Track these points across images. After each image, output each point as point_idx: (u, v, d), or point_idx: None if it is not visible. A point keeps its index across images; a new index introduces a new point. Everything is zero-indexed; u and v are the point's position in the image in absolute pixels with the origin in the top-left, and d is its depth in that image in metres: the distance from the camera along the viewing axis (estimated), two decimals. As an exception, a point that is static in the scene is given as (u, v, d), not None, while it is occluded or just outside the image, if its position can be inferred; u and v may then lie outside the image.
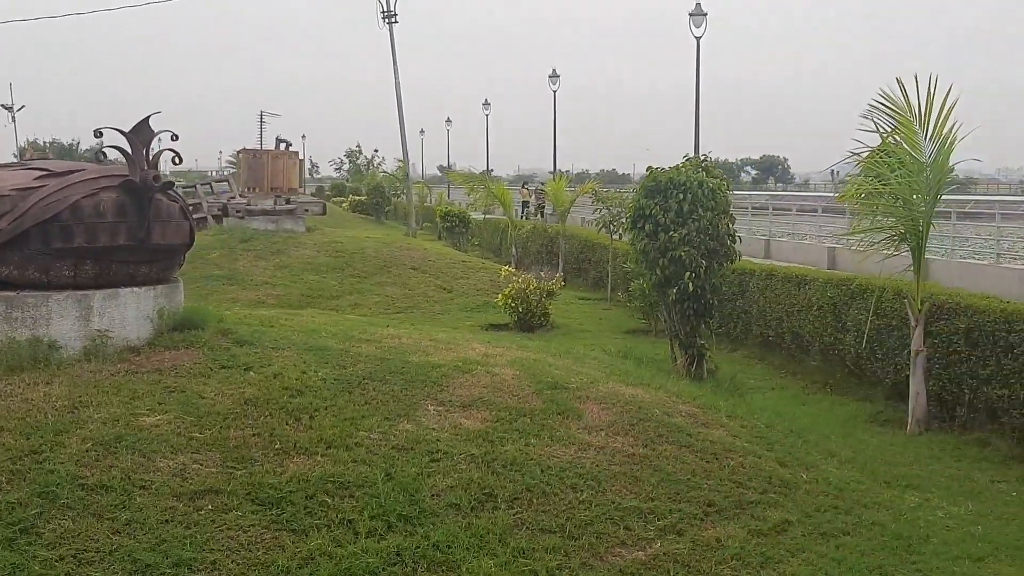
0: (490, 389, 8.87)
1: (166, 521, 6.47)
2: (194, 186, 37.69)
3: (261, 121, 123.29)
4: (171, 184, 9.10)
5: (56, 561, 6.00)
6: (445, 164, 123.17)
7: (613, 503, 7.43)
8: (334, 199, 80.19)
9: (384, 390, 8.52)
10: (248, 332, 9.35)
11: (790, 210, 41.51)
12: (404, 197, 65.23)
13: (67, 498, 6.52)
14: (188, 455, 7.16)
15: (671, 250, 12.81)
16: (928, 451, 11.60)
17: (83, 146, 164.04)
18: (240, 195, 48.69)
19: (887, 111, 12.60)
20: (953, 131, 12.53)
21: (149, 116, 8.92)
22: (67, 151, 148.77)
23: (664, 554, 7.01)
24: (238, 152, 63.61)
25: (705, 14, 43.35)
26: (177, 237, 9.25)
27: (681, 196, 12.84)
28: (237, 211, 30.13)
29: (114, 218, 8.64)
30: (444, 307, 25.67)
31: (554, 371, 9.71)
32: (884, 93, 12.49)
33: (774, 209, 42.14)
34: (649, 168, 13.78)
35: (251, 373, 8.43)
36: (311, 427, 7.74)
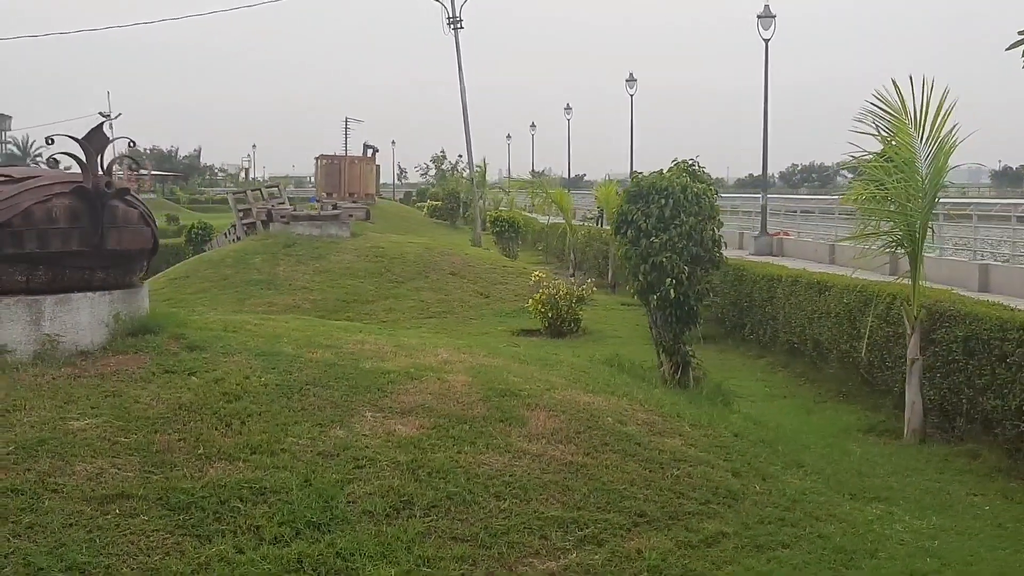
0: (435, 396, 8.82)
1: (70, 525, 6.50)
2: (244, 192, 38.10)
3: (346, 127, 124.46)
4: (126, 191, 9.17)
5: (-51, 564, 6.06)
6: (532, 169, 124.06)
7: (535, 512, 7.34)
8: (418, 204, 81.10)
9: (324, 396, 8.51)
10: (202, 337, 9.39)
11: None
12: (480, 202, 65.56)
13: (-25, 501, 6.59)
14: (108, 459, 7.21)
15: (652, 256, 12.65)
16: (913, 462, 11.29)
17: (181, 152, 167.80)
18: (317, 200, 49.45)
19: (883, 114, 12.32)
20: (953, 133, 12.22)
21: (102, 123, 9.05)
22: (165, 157, 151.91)
23: (578, 564, 6.91)
24: (316, 158, 64.63)
25: (773, 16, 42.93)
26: (135, 243, 9.31)
27: (663, 201, 12.67)
28: (282, 216, 30.44)
29: (67, 224, 8.73)
30: (478, 312, 25.70)
31: (511, 378, 9.63)
32: (879, 95, 12.22)
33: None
34: (633, 173, 13.65)
35: (193, 378, 8.47)
36: (240, 432, 7.75)
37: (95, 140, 8.94)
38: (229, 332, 9.93)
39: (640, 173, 13.40)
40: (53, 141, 8.97)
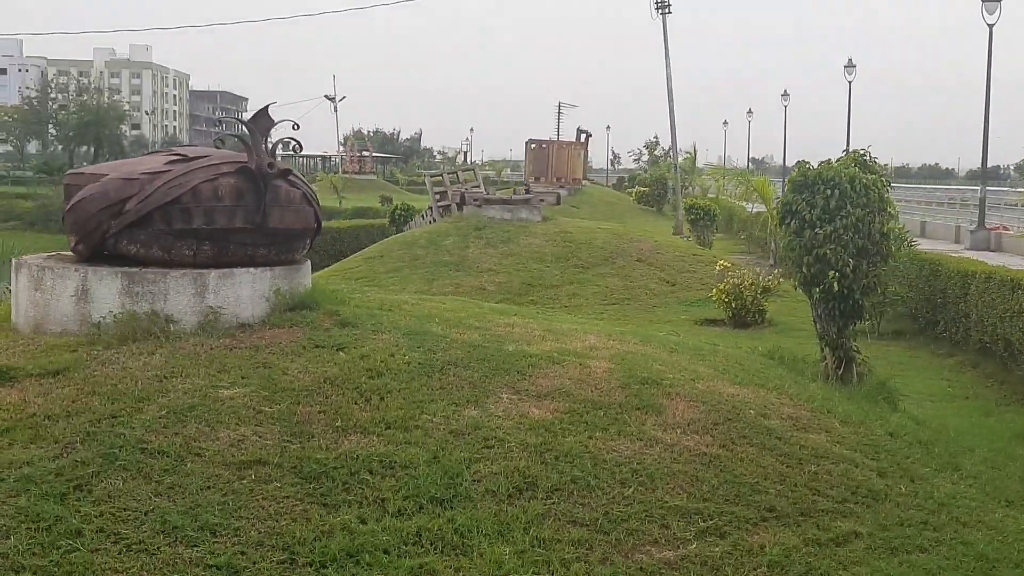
0: (574, 381, 8.88)
1: (207, 488, 6.86)
2: (441, 175, 38.91)
3: (559, 112, 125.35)
4: (289, 171, 9.55)
5: (95, 516, 6.49)
6: (749, 156, 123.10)
7: (659, 501, 7.32)
8: (628, 190, 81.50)
9: (464, 376, 8.68)
10: (356, 315, 9.71)
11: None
12: (689, 189, 65.13)
13: (125, 460, 7.03)
14: (251, 427, 7.56)
15: (816, 248, 12.33)
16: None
17: (403, 135, 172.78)
18: (525, 184, 50.05)
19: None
20: None
21: (267, 106, 9.43)
22: (387, 140, 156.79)
23: (696, 555, 6.86)
24: (527, 143, 65.50)
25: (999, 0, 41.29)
26: (297, 222, 9.70)
27: (828, 192, 12.34)
28: (475, 200, 30.98)
29: (232, 202, 9.17)
30: (663, 300, 25.60)
31: (656, 366, 9.60)
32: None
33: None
34: (798, 163, 13.34)
35: (341, 353, 8.78)
36: (377, 408, 8.00)
37: (260, 123, 9.35)
38: (384, 311, 10.24)
39: (807, 163, 13.11)
40: (221, 124, 9.40)
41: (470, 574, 6.39)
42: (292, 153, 10.23)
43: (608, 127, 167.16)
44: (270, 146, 9.41)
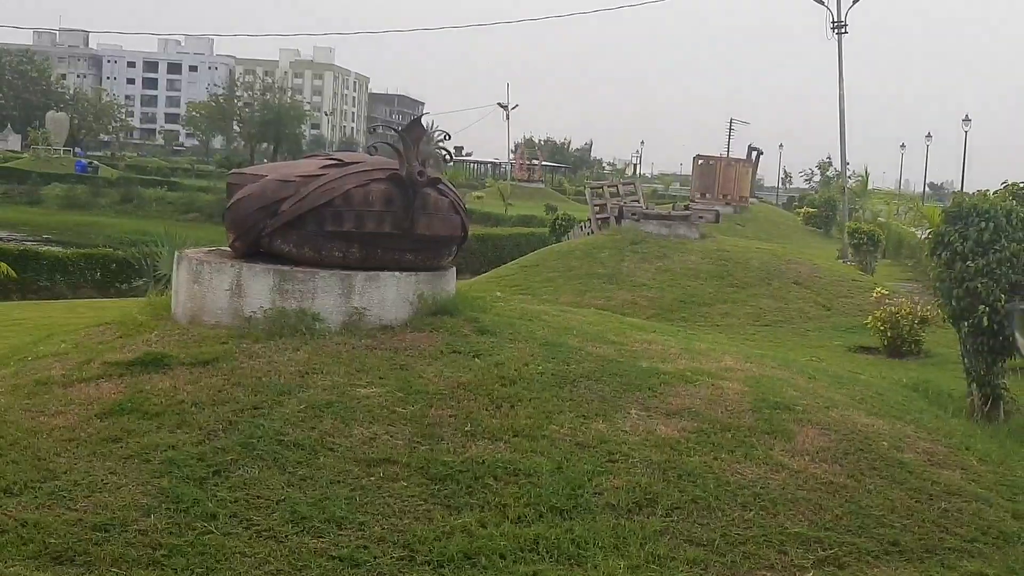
0: (704, 401, 8.90)
1: (337, 482, 7.15)
2: (601, 187, 39.04)
3: (730, 128, 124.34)
4: (438, 179, 9.82)
5: (230, 502, 6.84)
6: (925, 181, 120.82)
7: (779, 527, 7.30)
8: (797, 210, 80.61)
9: (595, 389, 8.80)
10: (495, 322, 9.92)
11: None
12: (859, 212, 63.74)
13: (262, 450, 7.38)
14: (383, 426, 7.84)
15: (967, 281, 11.99)
16: None
17: (573, 145, 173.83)
18: (690, 199, 49.56)
19: None
20: None
21: (420, 116, 9.75)
22: (558, 149, 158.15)
23: (810, 584, 6.84)
24: (694, 158, 65.23)
25: None
26: (444, 229, 9.97)
27: (983, 224, 11.99)
28: (633, 214, 30.96)
29: (381, 207, 9.49)
30: (817, 324, 25.12)
31: (790, 392, 9.53)
32: None
33: None
34: (954, 193, 13.01)
35: (476, 360, 8.99)
36: (507, 415, 8.18)
37: (412, 131, 9.64)
38: (524, 320, 10.43)
39: (964, 193, 12.77)
40: (376, 130, 9.74)
41: (582, 584, 6.50)
42: (459, 159, 10.48)
43: (781, 145, 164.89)
44: (421, 155, 9.69)
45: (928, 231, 44.44)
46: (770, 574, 6.87)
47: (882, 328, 22.21)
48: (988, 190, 13.00)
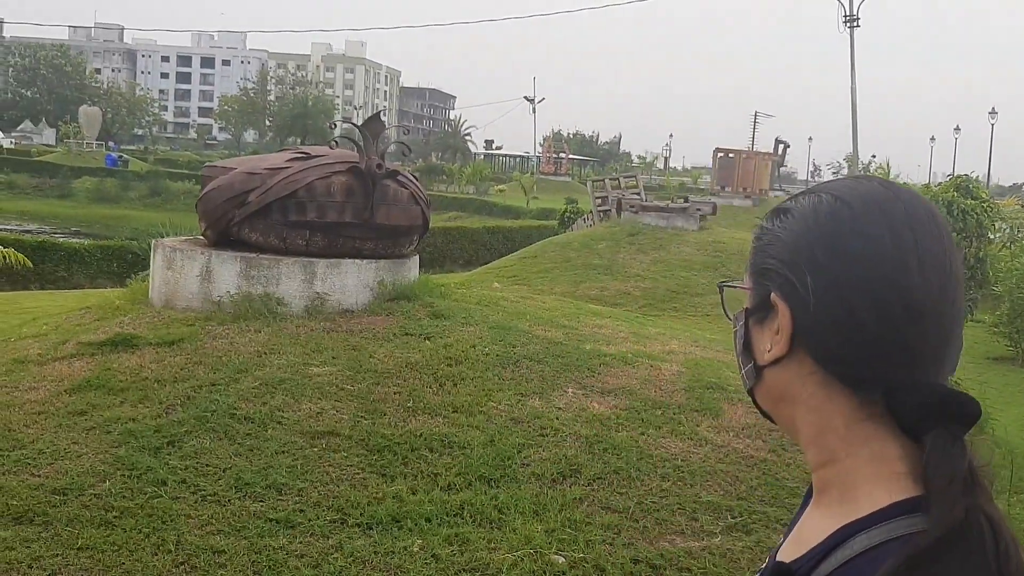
0: (640, 381, 9.41)
1: (281, 452, 7.70)
2: (603, 179, 39.50)
3: (754, 122, 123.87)
4: (397, 172, 10.37)
5: (180, 469, 7.40)
6: (952, 174, 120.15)
7: (694, 496, 7.80)
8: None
9: (536, 370, 9.32)
10: (450, 308, 10.46)
11: None
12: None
13: (215, 423, 7.94)
14: (331, 402, 8.39)
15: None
16: None
17: (602, 138, 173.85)
18: (711, 192, 49.63)
19: None
20: None
21: (379, 112, 10.29)
22: (586, 142, 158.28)
23: (717, 547, 7.32)
24: (714, 151, 65.54)
25: None
26: (404, 219, 10.53)
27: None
28: (632, 206, 31.45)
29: (342, 198, 10.05)
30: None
31: (728, 373, 10.03)
32: None
33: None
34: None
35: (427, 342, 9.54)
36: (449, 393, 8.72)
37: (372, 127, 10.20)
38: (481, 306, 10.96)
39: (908, 183, 13.20)
40: (335, 126, 10.30)
41: (500, 545, 7.02)
42: (488, 152, 11.04)
43: (810, 138, 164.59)
44: (381, 148, 10.24)
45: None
46: (679, 538, 7.38)
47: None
48: (929, 184, 13.42)
